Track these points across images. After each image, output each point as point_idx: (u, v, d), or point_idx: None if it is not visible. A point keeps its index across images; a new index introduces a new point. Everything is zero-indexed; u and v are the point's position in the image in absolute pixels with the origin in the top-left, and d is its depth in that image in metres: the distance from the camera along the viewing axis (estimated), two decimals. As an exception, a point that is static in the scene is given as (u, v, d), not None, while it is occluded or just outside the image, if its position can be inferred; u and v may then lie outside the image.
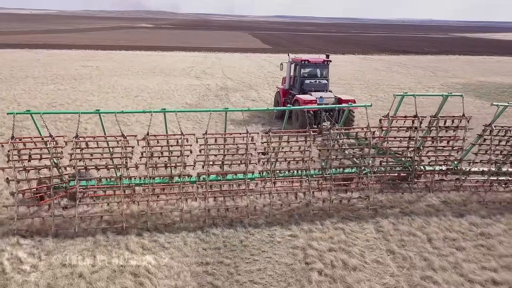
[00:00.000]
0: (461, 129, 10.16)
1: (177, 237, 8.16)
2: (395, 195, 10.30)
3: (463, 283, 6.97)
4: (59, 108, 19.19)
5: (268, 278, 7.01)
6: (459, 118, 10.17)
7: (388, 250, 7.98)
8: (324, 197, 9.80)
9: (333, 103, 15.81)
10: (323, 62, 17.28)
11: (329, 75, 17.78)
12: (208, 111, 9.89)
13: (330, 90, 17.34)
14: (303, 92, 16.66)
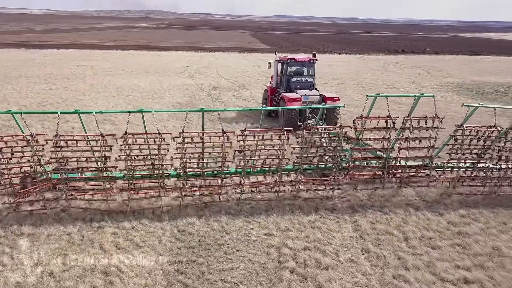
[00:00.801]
0: (433, 128, 10.20)
1: (152, 236, 8.16)
2: (375, 194, 10.32)
3: (435, 282, 6.97)
4: (49, 107, 19.20)
5: (240, 277, 7.00)
6: (431, 119, 10.20)
7: (363, 249, 7.97)
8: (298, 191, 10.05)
9: (318, 100, 16.05)
10: (309, 61, 17.45)
11: (315, 73, 17.88)
12: (184, 111, 10.04)
13: (316, 88, 17.46)
14: (289, 90, 16.82)
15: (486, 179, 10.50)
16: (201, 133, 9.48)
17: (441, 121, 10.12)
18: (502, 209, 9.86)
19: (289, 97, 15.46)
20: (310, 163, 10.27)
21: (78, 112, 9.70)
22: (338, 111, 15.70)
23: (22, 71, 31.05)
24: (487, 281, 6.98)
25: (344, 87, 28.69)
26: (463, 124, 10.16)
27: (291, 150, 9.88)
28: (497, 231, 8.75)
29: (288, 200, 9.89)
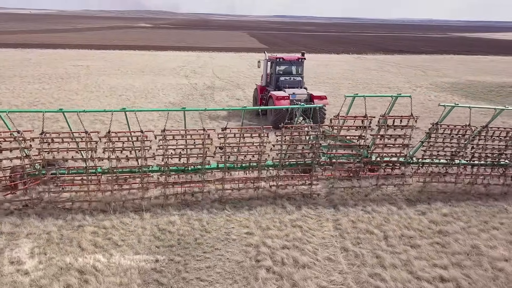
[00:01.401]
0: (409, 127, 10.29)
1: (132, 234, 8.17)
2: (357, 193, 10.37)
3: (411, 280, 6.97)
4: (41, 107, 19.21)
5: (216, 275, 7.01)
6: (407, 118, 10.29)
7: (343, 248, 7.98)
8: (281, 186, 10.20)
9: (305, 99, 16.26)
10: (297, 60, 17.65)
11: (303, 72, 18.04)
12: (165, 110, 10.22)
13: (305, 87, 17.60)
14: (278, 89, 16.97)
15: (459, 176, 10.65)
16: (183, 131, 9.63)
17: (415, 120, 10.22)
18: (485, 208, 9.88)
19: (277, 96, 15.68)
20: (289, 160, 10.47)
21: (63, 111, 9.76)
22: (325, 110, 15.85)
23: (16, 71, 31.04)
24: (463, 280, 6.99)
25: (339, 86, 28.68)
26: (438, 123, 10.34)
27: (270, 147, 9.97)
28: (478, 230, 8.76)
29: (270, 199, 9.91)
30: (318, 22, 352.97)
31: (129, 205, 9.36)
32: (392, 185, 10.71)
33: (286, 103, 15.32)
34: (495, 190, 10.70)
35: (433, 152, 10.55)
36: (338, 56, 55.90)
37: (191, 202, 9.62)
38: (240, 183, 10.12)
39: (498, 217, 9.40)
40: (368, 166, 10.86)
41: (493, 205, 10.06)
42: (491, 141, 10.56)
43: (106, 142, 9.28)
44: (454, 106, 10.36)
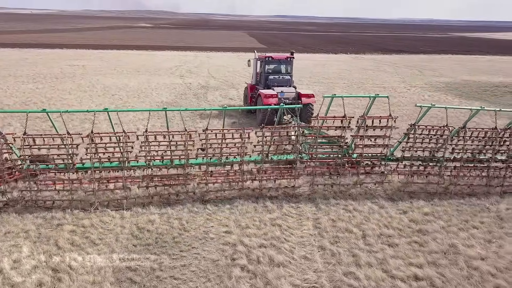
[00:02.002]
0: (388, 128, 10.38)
1: (110, 233, 8.19)
2: (340, 192, 10.38)
3: (385, 279, 6.98)
4: (32, 106, 19.23)
5: (190, 274, 7.02)
6: (386, 118, 10.36)
7: (320, 247, 7.98)
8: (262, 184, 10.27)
9: (293, 97, 16.42)
10: (286, 59, 17.77)
11: (293, 71, 18.14)
12: (147, 110, 10.27)
13: (294, 85, 17.68)
14: (267, 87, 17.09)
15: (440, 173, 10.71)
16: (165, 132, 9.73)
17: (394, 120, 10.31)
18: (467, 207, 9.88)
19: (265, 94, 15.79)
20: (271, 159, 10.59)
21: (46, 112, 9.91)
22: (312, 108, 15.99)
23: (11, 70, 31.08)
24: (437, 278, 7.00)
25: (333, 86, 28.67)
26: (416, 123, 10.50)
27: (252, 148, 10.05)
28: (458, 229, 8.76)
29: (253, 198, 9.92)
30: (319, 22, 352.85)
31: (111, 203, 9.38)
32: (373, 182, 10.76)
33: (274, 101, 15.43)
34: (478, 189, 10.69)
35: (412, 152, 10.66)
36: (336, 56, 55.92)
37: (173, 201, 9.63)
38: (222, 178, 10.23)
39: (479, 216, 9.39)
40: (349, 164, 10.89)
41: (475, 204, 10.05)
42: (471, 141, 10.67)
43: (88, 142, 9.41)
44: (431, 106, 10.52)
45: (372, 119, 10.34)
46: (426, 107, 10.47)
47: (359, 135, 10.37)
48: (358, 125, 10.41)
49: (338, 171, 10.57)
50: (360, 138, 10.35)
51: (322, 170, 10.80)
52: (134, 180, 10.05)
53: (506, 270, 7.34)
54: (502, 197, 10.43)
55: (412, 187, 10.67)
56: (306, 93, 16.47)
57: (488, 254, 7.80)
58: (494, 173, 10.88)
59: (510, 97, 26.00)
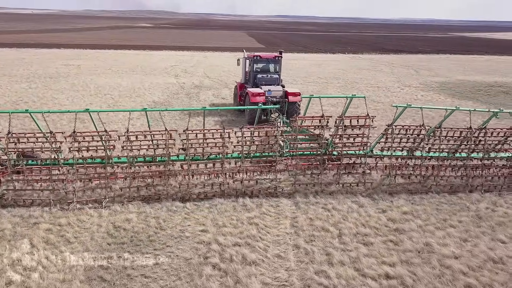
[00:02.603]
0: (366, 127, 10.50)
1: (86, 232, 8.21)
2: (321, 192, 10.39)
3: (355, 277, 6.98)
4: (23, 105, 19.28)
5: (161, 272, 7.03)
6: (363, 118, 10.46)
7: (295, 245, 7.98)
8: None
9: (280, 96, 16.61)
10: (274, 58, 18.02)
11: (281, 70, 18.39)
12: (128, 111, 10.40)
13: (282, 84, 17.87)
14: (256, 86, 17.28)
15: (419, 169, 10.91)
16: (146, 132, 9.86)
17: (372, 120, 10.43)
18: (447, 206, 9.87)
19: (252, 92, 15.99)
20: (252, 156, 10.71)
21: (29, 112, 9.99)
22: (299, 106, 16.36)
23: (6, 70, 31.16)
24: (408, 277, 6.99)
25: (327, 86, 28.68)
26: (392, 123, 10.63)
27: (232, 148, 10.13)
28: (435, 228, 8.76)
29: (233, 197, 9.94)
30: (320, 22, 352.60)
31: (90, 201, 9.41)
32: (353, 178, 10.88)
33: (261, 100, 15.67)
34: (460, 189, 10.69)
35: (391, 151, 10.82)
36: (333, 56, 55.96)
37: (153, 200, 9.65)
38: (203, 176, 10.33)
39: (458, 215, 9.38)
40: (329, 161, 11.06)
41: (456, 203, 10.04)
42: (446, 141, 10.83)
43: (71, 142, 9.60)
44: (407, 106, 10.68)
45: (350, 119, 10.40)
46: (402, 107, 10.59)
47: (337, 134, 10.46)
48: (336, 124, 10.52)
49: (318, 168, 10.63)
50: (339, 137, 10.46)
51: (303, 167, 10.86)
52: (117, 177, 10.19)
53: (479, 269, 7.34)
54: (483, 196, 10.43)
55: (398, 188, 10.65)
56: (293, 92, 16.64)
57: (462, 253, 7.80)
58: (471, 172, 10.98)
59: (503, 96, 26.00)
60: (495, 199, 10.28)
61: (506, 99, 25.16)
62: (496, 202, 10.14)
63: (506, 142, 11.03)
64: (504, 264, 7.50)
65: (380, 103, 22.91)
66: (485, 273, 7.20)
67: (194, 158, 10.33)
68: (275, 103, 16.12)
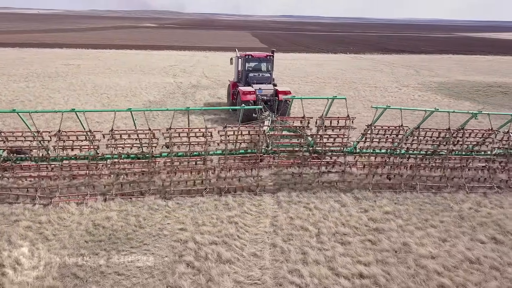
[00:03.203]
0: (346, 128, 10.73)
1: (66, 229, 8.26)
2: (308, 191, 10.40)
3: (329, 276, 6.98)
4: (18, 104, 19.40)
5: (135, 269, 7.06)
6: (343, 119, 10.68)
7: (272, 244, 7.99)
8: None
9: (271, 94, 16.84)
10: (265, 57, 18.24)
11: (273, 69, 18.57)
12: (113, 111, 10.55)
13: (274, 83, 18.10)
14: (248, 84, 17.50)
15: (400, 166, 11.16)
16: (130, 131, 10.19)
17: (352, 121, 10.65)
18: (430, 206, 9.84)
19: (243, 91, 16.23)
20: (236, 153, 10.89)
21: (16, 112, 10.22)
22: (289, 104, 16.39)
23: (6, 69, 31.35)
24: (381, 277, 6.98)
25: (324, 86, 28.62)
26: (372, 124, 10.87)
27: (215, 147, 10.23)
28: (415, 227, 8.74)
29: (216, 196, 9.96)
30: (324, 22, 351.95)
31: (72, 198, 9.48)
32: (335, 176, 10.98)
33: (252, 98, 15.96)
34: (445, 189, 10.66)
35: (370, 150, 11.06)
36: (335, 56, 55.81)
37: (136, 198, 9.70)
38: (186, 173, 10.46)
39: (440, 215, 9.35)
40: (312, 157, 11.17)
41: (439, 203, 10.01)
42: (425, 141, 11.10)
43: (56, 140, 9.88)
44: (387, 107, 10.84)
45: (330, 120, 10.56)
46: (381, 108, 10.75)
47: (318, 134, 10.67)
48: (317, 125, 10.70)
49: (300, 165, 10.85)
50: (319, 137, 10.70)
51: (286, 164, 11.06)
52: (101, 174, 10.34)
53: (454, 268, 7.31)
54: (468, 196, 10.39)
55: (382, 188, 10.68)
56: (283, 90, 16.87)
57: (439, 253, 7.77)
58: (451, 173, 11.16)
59: (501, 97, 25.85)
60: (480, 200, 10.24)
61: (503, 99, 25.01)
62: (480, 202, 10.10)
63: (484, 143, 11.17)
64: (480, 264, 7.47)
65: (375, 103, 22.84)
66: (460, 273, 7.18)
67: (178, 154, 10.45)
68: (265, 101, 16.27)
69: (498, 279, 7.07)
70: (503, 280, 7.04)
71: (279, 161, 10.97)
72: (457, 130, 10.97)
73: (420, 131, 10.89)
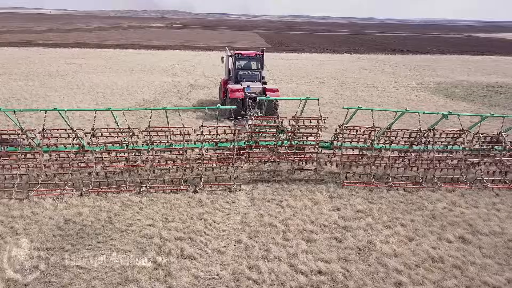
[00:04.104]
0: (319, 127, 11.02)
1: (36, 224, 8.40)
2: (284, 189, 10.48)
3: (287, 272, 7.02)
4: (13, 102, 19.74)
5: (97, 264, 7.16)
6: (315, 118, 10.92)
7: (237, 241, 8.05)
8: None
9: (259, 92, 17.09)
10: (255, 55, 18.48)
11: (263, 67, 18.81)
12: (93, 110, 10.89)
13: (264, 81, 18.39)
14: (237, 82, 17.79)
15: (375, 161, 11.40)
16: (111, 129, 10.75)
17: (324, 121, 10.90)
18: (404, 205, 9.82)
19: (232, 88, 16.61)
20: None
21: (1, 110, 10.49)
22: (277, 103, 16.96)
23: (8, 68, 31.84)
24: (339, 274, 7.01)
25: (322, 85, 28.59)
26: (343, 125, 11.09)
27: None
28: (384, 226, 8.74)
29: (190, 193, 10.06)
30: (334, 22, 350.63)
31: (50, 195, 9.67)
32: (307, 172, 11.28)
33: (240, 95, 16.35)
34: (420, 188, 10.66)
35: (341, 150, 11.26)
36: (338, 56, 55.62)
37: (112, 193, 9.85)
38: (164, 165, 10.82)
39: (413, 214, 9.33)
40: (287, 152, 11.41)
41: (414, 202, 9.99)
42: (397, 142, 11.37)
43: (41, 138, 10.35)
44: (358, 108, 11.03)
45: (303, 120, 10.93)
46: (353, 109, 10.98)
47: (292, 132, 10.93)
48: (290, 125, 11.01)
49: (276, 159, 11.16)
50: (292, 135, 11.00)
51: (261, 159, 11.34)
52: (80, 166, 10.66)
53: (415, 267, 7.31)
54: (445, 196, 10.35)
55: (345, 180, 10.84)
56: (271, 88, 17.14)
57: (403, 251, 7.76)
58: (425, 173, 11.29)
59: (499, 97, 25.61)
60: (456, 199, 10.19)
61: (501, 100, 24.77)
62: (456, 202, 10.05)
63: (456, 143, 11.28)
64: (443, 263, 7.45)
65: (370, 102, 22.78)
66: (420, 271, 7.18)
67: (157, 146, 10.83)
68: (253, 99, 16.40)
69: (457, 277, 7.05)
70: (463, 279, 7.01)
71: (255, 156, 11.10)
72: (427, 130, 11.06)
73: (392, 131, 10.99)
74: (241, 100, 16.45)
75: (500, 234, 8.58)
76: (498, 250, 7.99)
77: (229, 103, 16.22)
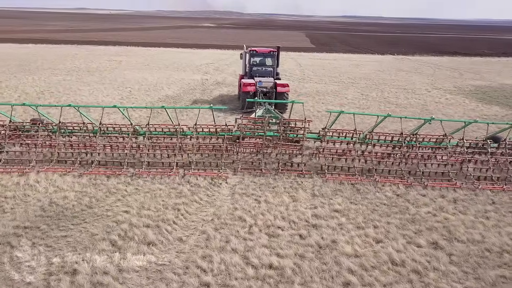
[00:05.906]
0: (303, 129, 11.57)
1: (24, 204, 9.07)
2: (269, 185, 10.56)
3: (237, 264, 7.13)
4: (45, 94, 21.18)
5: (64, 243, 7.64)
6: (300, 121, 11.57)
7: (202, 231, 8.25)
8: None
9: (271, 86, 18.07)
10: (269, 52, 19.41)
11: (277, 64, 19.62)
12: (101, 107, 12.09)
13: (278, 77, 19.38)
14: (251, 77, 18.76)
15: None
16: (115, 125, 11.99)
17: (308, 124, 11.52)
18: (386, 207, 9.57)
19: (244, 82, 17.60)
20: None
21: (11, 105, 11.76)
22: (287, 97, 17.61)
23: (54, 64, 33.99)
24: (289, 269, 7.02)
25: (351, 86, 28.04)
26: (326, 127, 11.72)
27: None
28: (355, 227, 8.59)
29: (175, 184, 10.39)
30: (386, 22, 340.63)
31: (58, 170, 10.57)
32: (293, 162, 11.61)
33: (252, 89, 17.23)
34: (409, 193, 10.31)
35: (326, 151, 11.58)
36: (380, 57, 54.07)
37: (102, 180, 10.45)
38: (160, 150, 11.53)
39: (392, 217, 9.08)
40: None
41: (398, 205, 9.69)
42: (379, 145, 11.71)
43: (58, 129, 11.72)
44: (341, 112, 11.49)
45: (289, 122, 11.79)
46: (336, 112, 11.55)
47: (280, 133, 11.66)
48: (279, 126, 11.67)
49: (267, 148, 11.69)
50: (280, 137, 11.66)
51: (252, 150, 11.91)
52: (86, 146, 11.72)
53: (372, 268, 7.16)
54: (435, 201, 9.94)
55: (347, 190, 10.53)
56: (282, 83, 17.90)
57: (366, 252, 7.62)
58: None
59: (539, 102, 23.84)
60: (444, 205, 9.76)
61: (540, 105, 23.07)
62: (444, 207, 9.63)
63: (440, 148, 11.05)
64: (403, 267, 7.24)
65: (394, 104, 22.14)
66: (375, 273, 7.02)
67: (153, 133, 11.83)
68: (264, 93, 17.44)
69: (413, 282, 6.83)
70: (418, 284, 6.78)
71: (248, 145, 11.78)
72: (409, 135, 11.00)
73: (373, 135, 11.33)
74: (253, 93, 17.20)
75: (478, 242, 8.15)
76: (470, 258, 7.61)
77: (241, 96, 17.35)
